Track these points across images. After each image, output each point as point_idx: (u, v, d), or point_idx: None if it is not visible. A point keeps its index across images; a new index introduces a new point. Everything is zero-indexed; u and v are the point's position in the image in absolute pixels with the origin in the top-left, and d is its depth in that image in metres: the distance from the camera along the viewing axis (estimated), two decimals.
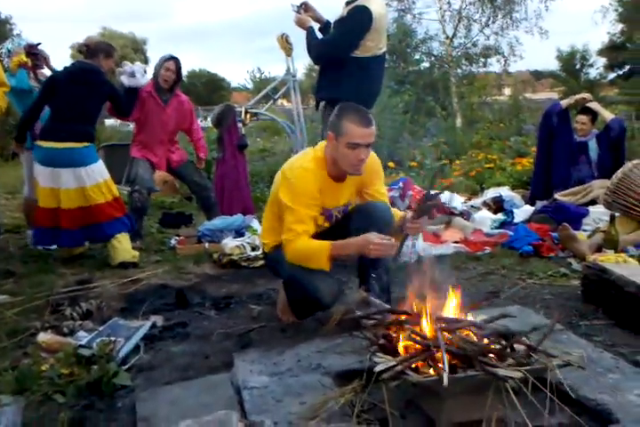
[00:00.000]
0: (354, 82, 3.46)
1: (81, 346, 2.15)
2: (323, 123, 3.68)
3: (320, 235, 2.31)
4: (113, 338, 2.22)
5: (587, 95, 4.84)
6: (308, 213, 2.25)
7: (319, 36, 3.70)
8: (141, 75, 3.90)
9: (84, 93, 3.55)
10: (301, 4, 3.76)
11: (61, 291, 3.10)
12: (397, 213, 2.52)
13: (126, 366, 2.13)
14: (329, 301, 2.28)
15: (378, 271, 2.41)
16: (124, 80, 3.88)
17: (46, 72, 4.26)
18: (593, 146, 4.66)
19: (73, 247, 3.80)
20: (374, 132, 2.26)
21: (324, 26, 3.78)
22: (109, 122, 13.98)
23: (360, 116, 2.24)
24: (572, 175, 4.65)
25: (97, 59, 3.66)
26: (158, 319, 2.62)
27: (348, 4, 3.56)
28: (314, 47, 3.61)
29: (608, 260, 2.86)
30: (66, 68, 3.74)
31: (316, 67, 3.98)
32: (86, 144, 3.57)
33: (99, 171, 3.60)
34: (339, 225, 2.40)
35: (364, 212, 2.37)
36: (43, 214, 3.58)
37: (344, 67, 3.48)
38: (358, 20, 3.42)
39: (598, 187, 4.29)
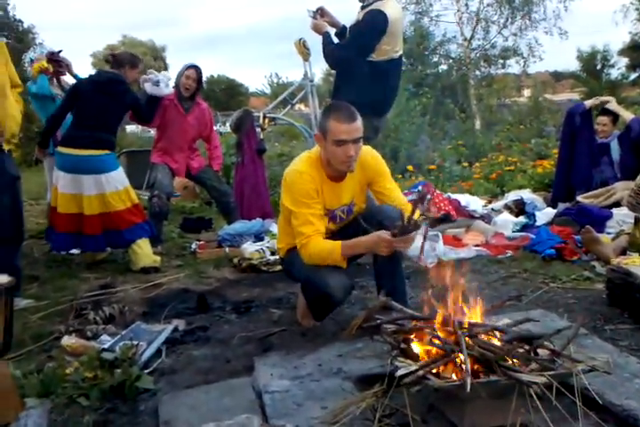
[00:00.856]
0: (371, 85, 3.46)
1: (104, 350, 2.18)
2: None
3: (333, 238, 2.31)
4: (135, 342, 2.24)
5: (610, 98, 4.78)
6: (312, 213, 2.26)
7: (335, 40, 3.71)
8: (165, 84, 3.93)
9: (108, 103, 3.60)
10: (317, 10, 3.77)
11: (85, 295, 3.14)
12: (408, 208, 2.50)
13: (149, 370, 2.16)
14: (340, 296, 2.28)
15: (394, 273, 2.40)
16: (147, 88, 3.92)
17: (69, 79, 4.34)
18: (615, 147, 4.58)
19: (96, 252, 3.86)
20: (359, 128, 2.23)
21: (341, 31, 3.79)
22: (130, 128, 14.19)
23: (342, 112, 2.22)
24: (595, 177, 4.57)
25: (122, 69, 3.70)
26: (180, 323, 2.64)
27: (363, 8, 3.56)
28: (330, 52, 3.62)
29: (633, 263, 2.80)
30: (90, 76, 3.80)
31: (333, 71, 3.99)
32: (107, 152, 3.62)
33: (119, 178, 3.65)
34: (349, 229, 2.39)
35: (373, 213, 2.38)
36: (63, 220, 3.62)
37: (360, 71, 3.47)
38: (374, 24, 3.42)
39: (621, 189, 4.21)
